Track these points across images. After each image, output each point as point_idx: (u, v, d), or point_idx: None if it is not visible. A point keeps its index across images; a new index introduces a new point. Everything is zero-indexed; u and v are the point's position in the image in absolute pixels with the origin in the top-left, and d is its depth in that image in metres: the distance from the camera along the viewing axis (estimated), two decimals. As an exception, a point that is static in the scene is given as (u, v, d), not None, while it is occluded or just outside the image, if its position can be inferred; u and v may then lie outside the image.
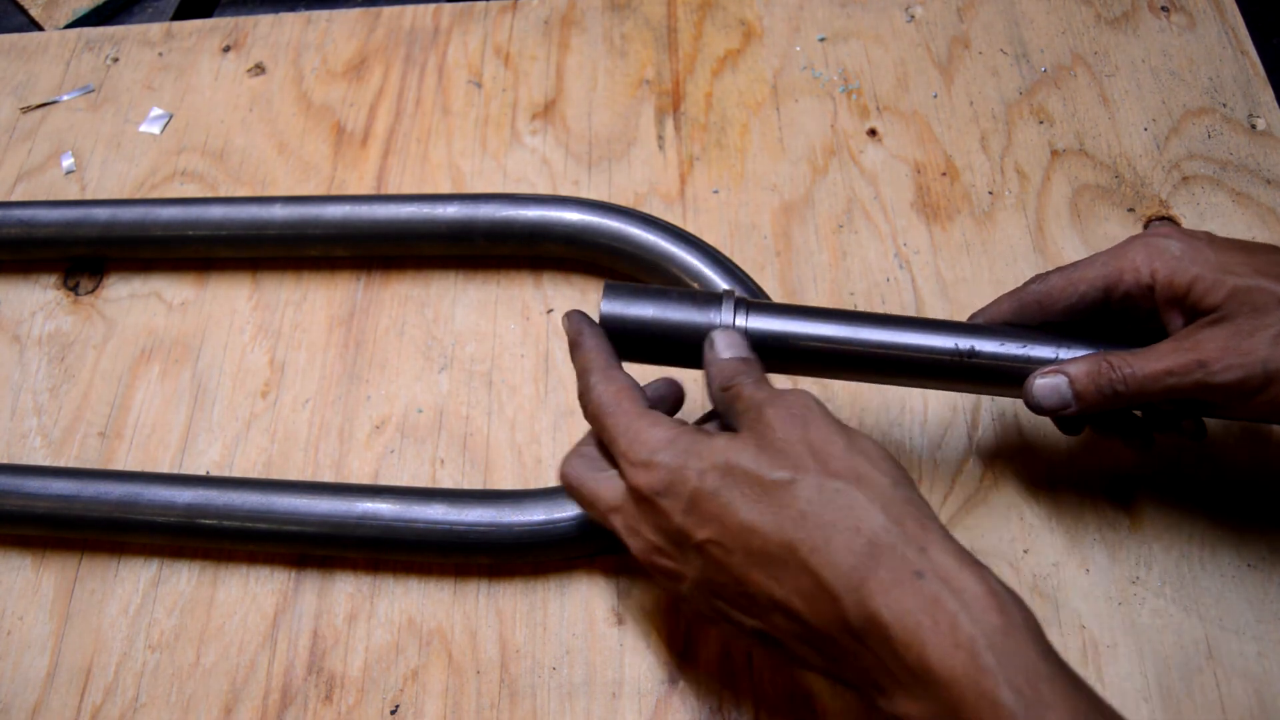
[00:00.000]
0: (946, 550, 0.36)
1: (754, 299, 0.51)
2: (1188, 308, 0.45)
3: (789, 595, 0.38)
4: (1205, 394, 0.44)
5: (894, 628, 0.35)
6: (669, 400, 0.51)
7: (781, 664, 0.42)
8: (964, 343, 0.49)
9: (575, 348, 0.49)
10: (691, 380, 0.57)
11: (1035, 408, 0.47)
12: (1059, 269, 0.49)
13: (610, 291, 0.50)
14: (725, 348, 0.47)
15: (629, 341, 0.50)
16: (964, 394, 0.59)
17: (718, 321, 0.49)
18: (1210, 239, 0.46)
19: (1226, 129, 0.67)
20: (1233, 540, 0.54)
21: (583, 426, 0.61)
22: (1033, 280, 0.50)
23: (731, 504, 0.39)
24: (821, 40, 0.74)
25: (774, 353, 0.50)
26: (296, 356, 0.65)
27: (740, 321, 0.49)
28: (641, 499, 0.43)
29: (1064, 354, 0.48)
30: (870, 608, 0.35)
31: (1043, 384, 0.47)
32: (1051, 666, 0.34)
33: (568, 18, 0.78)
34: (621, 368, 0.48)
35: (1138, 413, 0.50)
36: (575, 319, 0.50)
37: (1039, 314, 0.49)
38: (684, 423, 0.45)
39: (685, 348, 0.49)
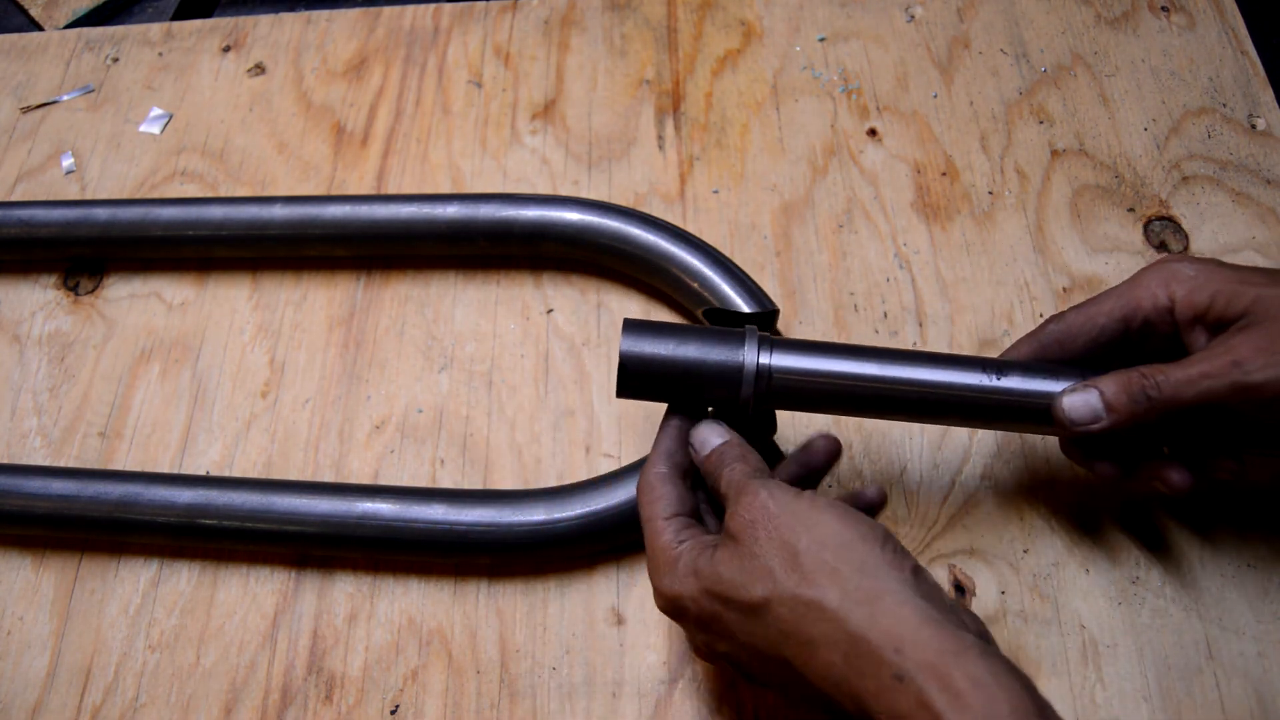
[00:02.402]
0: (921, 642, 0.36)
1: (776, 336, 0.50)
2: (1210, 323, 0.45)
3: (799, 698, 0.42)
4: (1242, 395, 0.42)
5: None
6: (820, 456, 0.50)
7: None
8: (990, 377, 0.47)
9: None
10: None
11: (1066, 423, 0.46)
12: (1074, 307, 0.49)
13: (630, 329, 0.48)
14: (701, 444, 0.48)
15: (649, 380, 0.48)
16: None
17: (740, 360, 0.48)
18: (1219, 261, 0.46)
19: (1226, 129, 0.67)
20: (1233, 540, 0.54)
21: (581, 426, 0.61)
22: (1049, 320, 0.50)
23: (729, 625, 0.43)
24: (821, 40, 0.74)
25: (797, 391, 0.48)
26: (296, 356, 0.65)
27: (764, 359, 0.48)
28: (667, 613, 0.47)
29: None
30: (865, 710, 0.37)
31: (1073, 398, 0.46)
32: None
33: (568, 18, 0.78)
34: (681, 455, 0.49)
35: (1166, 450, 0.49)
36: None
37: (1060, 353, 0.49)
38: (694, 530, 0.46)
39: (707, 386, 0.48)
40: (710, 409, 0.50)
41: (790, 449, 0.51)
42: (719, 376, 0.48)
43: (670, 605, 0.45)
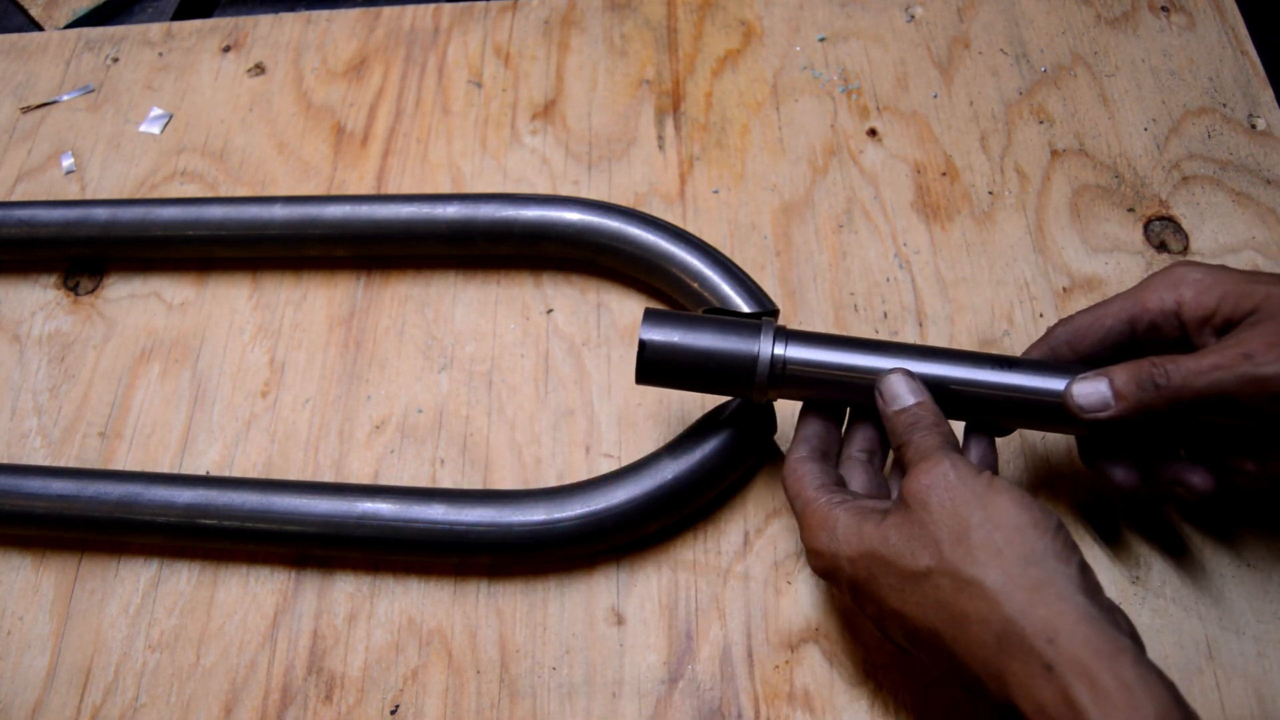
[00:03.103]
0: (1076, 637, 0.37)
1: (792, 328, 0.51)
2: (1219, 324, 0.45)
3: (945, 670, 0.42)
4: (1253, 387, 0.42)
5: (1030, 715, 0.37)
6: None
7: None
8: (1002, 371, 0.48)
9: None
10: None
11: (1076, 410, 0.46)
12: (1082, 311, 0.50)
13: (650, 318, 0.50)
14: (892, 399, 0.47)
15: (668, 369, 0.50)
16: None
17: (755, 349, 0.49)
18: (1226, 266, 0.47)
19: (1226, 129, 0.67)
20: (1233, 540, 0.54)
21: (581, 426, 0.61)
22: (1058, 324, 0.51)
23: (881, 591, 0.43)
24: (821, 40, 0.74)
25: (809, 381, 0.49)
26: (296, 356, 0.65)
27: (779, 349, 0.49)
28: (819, 575, 0.48)
29: None
30: (1008, 695, 0.38)
31: (1082, 385, 0.46)
32: None
33: (568, 18, 0.78)
34: (818, 439, 0.50)
35: (1183, 453, 0.49)
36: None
37: (1069, 355, 0.50)
38: (846, 494, 0.47)
39: (725, 375, 0.49)
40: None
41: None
42: (734, 364, 0.49)
43: (825, 565, 0.46)
